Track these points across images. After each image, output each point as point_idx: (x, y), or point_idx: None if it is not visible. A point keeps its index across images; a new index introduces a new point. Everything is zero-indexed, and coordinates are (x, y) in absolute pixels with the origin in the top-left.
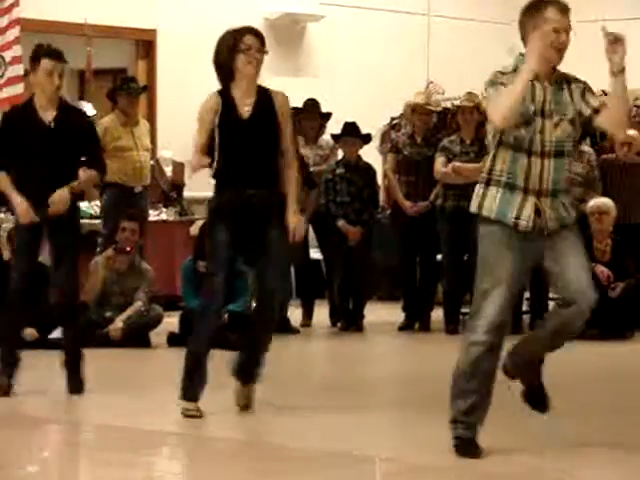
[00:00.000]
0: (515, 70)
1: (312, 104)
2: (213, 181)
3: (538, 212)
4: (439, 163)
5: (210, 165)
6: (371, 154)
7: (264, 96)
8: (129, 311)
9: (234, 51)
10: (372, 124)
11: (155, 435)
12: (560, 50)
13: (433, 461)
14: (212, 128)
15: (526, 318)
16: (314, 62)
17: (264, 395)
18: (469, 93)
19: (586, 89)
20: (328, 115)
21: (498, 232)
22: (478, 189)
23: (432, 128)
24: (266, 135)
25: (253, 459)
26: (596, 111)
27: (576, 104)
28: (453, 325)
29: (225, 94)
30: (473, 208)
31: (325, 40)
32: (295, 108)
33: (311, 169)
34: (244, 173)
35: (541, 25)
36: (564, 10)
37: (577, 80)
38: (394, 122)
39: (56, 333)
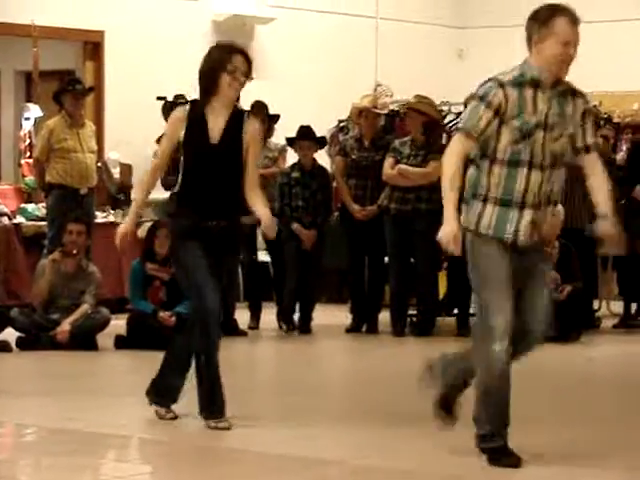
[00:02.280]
0: (520, 81)
1: (259, 106)
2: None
3: (533, 224)
4: (387, 165)
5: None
6: (320, 157)
7: (237, 120)
8: (76, 314)
9: (220, 69)
10: (320, 127)
11: (102, 438)
12: (567, 63)
13: (381, 463)
14: (177, 143)
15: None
16: (262, 64)
17: None
18: (417, 96)
19: (587, 112)
20: (276, 117)
21: (495, 248)
22: (471, 204)
23: (380, 131)
24: (232, 163)
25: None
26: (587, 148)
27: (576, 124)
28: (400, 327)
29: (197, 110)
30: (468, 224)
31: (273, 42)
32: None
33: (260, 171)
34: (205, 202)
35: (549, 37)
36: (574, 21)
37: (581, 95)
38: (342, 124)
39: None
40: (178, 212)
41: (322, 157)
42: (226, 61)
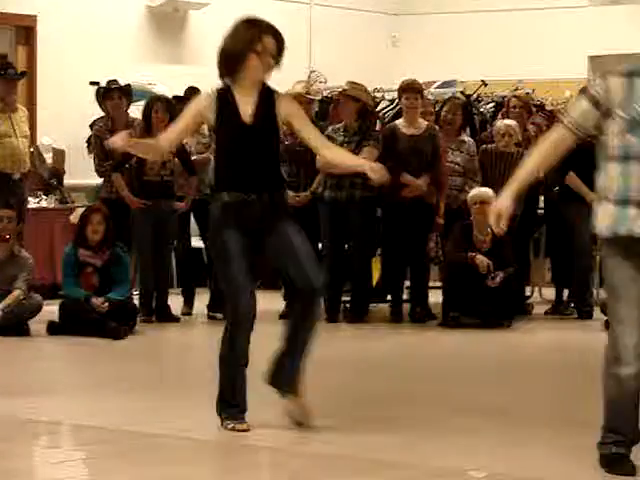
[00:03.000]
0: (633, 71)
1: (193, 92)
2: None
3: None
4: None
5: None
6: None
7: (267, 98)
8: (8, 300)
9: (249, 48)
10: None
11: (35, 425)
12: None
13: (322, 448)
14: (193, 126)
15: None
16: (197, 50)
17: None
18: (350, 82)
19: None
20: None
21: (618, 251)
22: (598, 207)
23: (313, 117)
24: (267, 142)
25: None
26: None
27: None
28: (333, 313)
29: (225, 94)
30: (594, 228)
31: (207, 28)
32: (176, 97)
33: (193, 157)
34: (244, 177)
35: None
36: None
37: None
38: None
39: None
40: (218, 193)
41: None
42: (255, 41)
